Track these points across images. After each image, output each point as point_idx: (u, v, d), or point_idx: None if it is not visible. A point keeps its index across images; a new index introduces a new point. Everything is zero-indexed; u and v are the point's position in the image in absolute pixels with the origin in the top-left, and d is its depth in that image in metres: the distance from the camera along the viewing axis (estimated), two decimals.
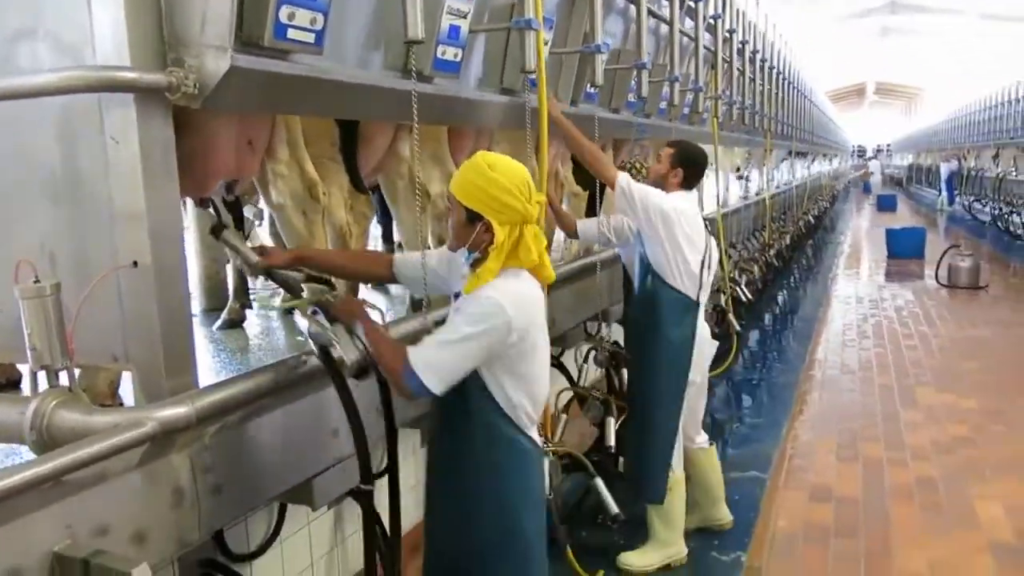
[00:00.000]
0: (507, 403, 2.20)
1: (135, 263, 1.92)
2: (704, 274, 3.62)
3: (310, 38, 2.09)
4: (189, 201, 2.92)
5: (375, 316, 2.37)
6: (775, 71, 10.18)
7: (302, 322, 2.27)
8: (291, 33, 2.02)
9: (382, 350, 2.21)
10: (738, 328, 6.08)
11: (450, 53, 2.76)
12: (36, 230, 2.02)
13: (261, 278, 2.81)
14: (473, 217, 2.15)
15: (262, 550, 2.85)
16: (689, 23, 5.79)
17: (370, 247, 3.79)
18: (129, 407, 2.02)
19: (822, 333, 8.70)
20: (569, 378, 4.80)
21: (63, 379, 1.89)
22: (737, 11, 7.59)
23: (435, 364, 2.11)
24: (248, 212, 3.34)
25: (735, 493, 4.43)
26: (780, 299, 10.92)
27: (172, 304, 1.97)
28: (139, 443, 1.79)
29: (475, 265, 2.22)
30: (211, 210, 2.68)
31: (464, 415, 2.22)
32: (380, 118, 2.27)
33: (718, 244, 6.66)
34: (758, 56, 8.57)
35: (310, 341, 2.24)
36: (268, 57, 2.00)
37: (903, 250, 13.92)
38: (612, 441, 3.79)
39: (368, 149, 2.95)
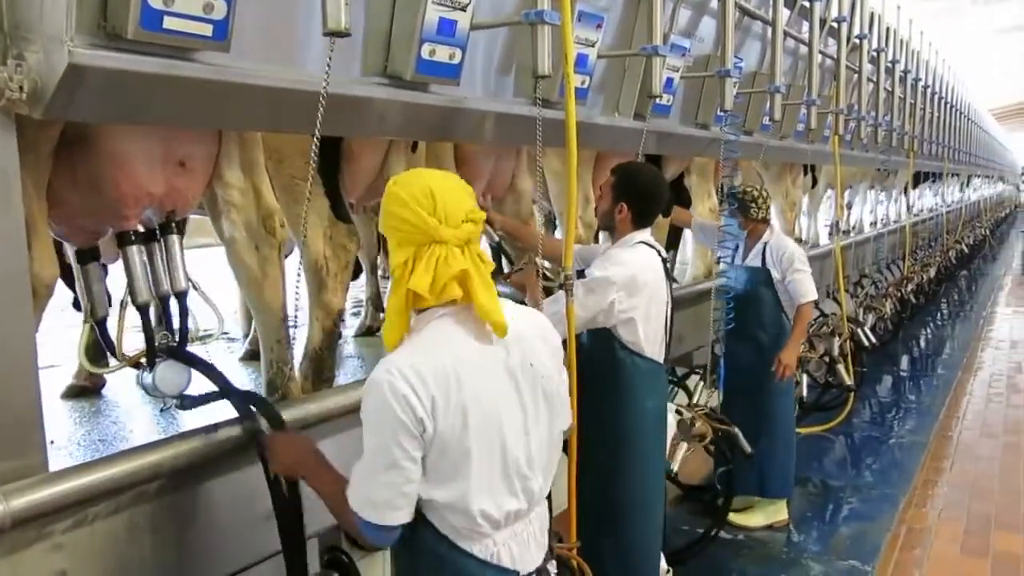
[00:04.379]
0: (427, 505, 1.65)
1: None
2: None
3: (205, 30, 1.63)
4: None
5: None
6: (922, 84, 9.04)
7: None
8: (170, 22, 1.57)
9: (334, 506, 1.71)
10: (849, 382, 5.20)
11: (443, 53, 2.24)
12: None
13: None
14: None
15: None
16: (805, 26, 5.03)
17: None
18: None
19: (966, 384, 7.54)
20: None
21: None
22: (872, 15, 6.67)
23: (368, 496, 1.61)
24: None
25: None
26: (921, 340, 9.69)
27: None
28: None
29: None
30: None
31: None
32: (306, 132, 1.80)
33: (835, 280, 5.91)
34: (898, 67, 7.54)
35: None
36: (135, 53, 1.55)
37: None
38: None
39: (354, 169, 2.48)
